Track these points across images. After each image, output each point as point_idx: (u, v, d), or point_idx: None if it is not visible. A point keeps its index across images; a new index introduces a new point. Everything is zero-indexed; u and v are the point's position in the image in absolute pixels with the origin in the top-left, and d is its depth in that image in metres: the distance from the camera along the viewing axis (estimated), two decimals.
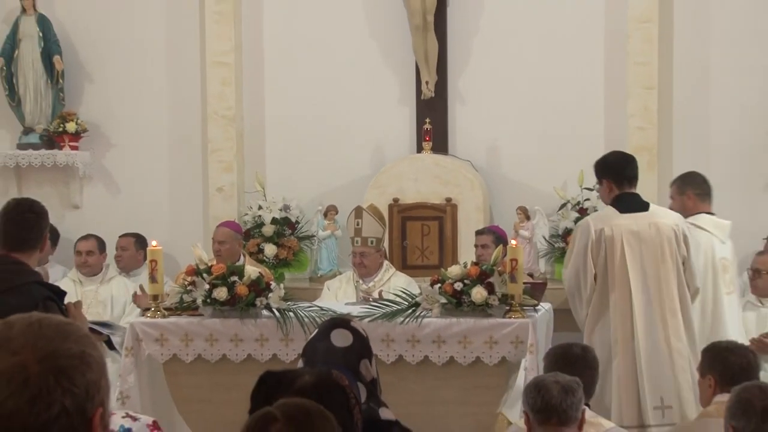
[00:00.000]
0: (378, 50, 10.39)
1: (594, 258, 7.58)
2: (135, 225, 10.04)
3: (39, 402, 2.03)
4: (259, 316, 7.35)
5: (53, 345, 2.08)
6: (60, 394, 2.05)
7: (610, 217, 7.70)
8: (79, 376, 2.08)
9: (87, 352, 2.11)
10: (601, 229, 7.63)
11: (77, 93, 10.72)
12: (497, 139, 10.23)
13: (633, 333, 7.55)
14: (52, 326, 2.12)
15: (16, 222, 5.54)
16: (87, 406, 2.08)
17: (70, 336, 2.12)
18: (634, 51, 9.87)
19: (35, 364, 2.05)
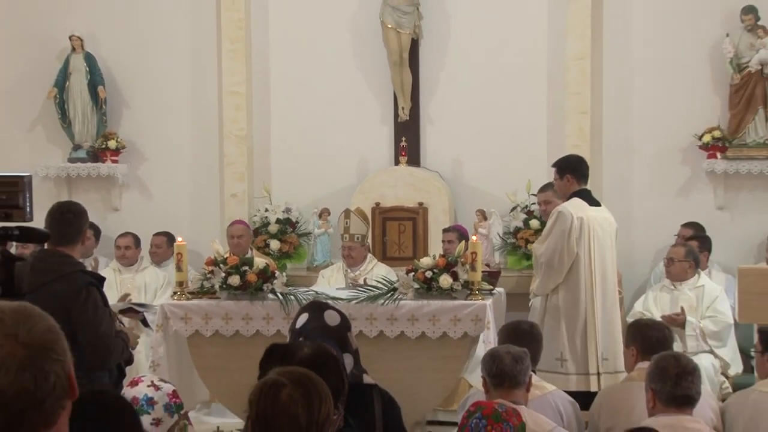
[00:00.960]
0: (363, 82, 10.37)
1: (576, 241, 7.56)
2: (163, 224, 10.01)
3: (39, 378, 1.98)
4: (265, 299, 7.33)
5: (28, 328, 2.01)
6: (51, 365, 2.00)
7: (584, 209, 7.64)
8: (58, 345, 2.02)
9: (52, 324, 2.05)
10: (580, 217, 7.58)
11: (117, 116, 10.67)
12: (460, 155, 10.22)
13: (593, 300, 7.58)
14: (15, 314, 2.03)
15: (59, 221, 5.50)
16: (67, 365, 2.03)
17: (34, 316, 2.04)
18: (571, 83, 9.87)
19: (23, 350, 1.97)
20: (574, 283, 7.55)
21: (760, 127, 9.59)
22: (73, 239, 5.55)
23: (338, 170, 10.31)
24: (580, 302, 7.53)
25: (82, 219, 5.65)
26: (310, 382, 3.08)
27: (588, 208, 7.66)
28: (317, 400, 3.03)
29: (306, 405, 3.00)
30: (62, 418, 2.03)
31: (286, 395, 3.00)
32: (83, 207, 5.80)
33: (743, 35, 9.52)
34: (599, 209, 7.79)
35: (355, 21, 10.30)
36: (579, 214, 7.56)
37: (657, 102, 9.89)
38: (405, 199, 9.88)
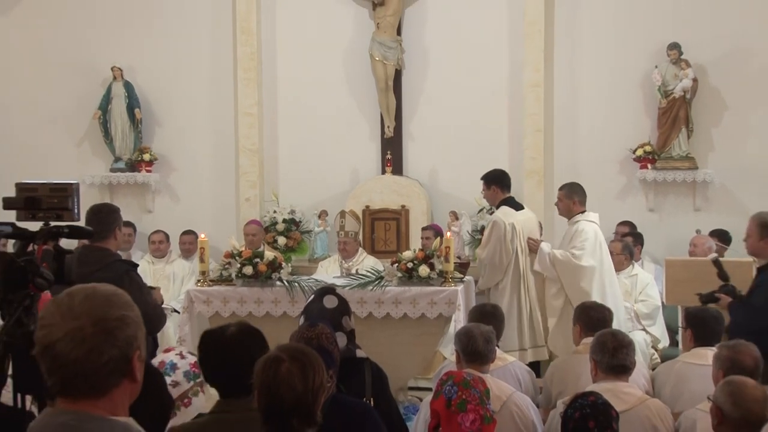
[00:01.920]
0: (355, 104, 10.35)
1: (510, 244, 7.62)
2: (188, 223, 9.99)
3: (93, 352, 2.03)
4: (274, 286, 7.33)
5: (102, 311, 2.07)
6: (108, 347, 2.05)
7: (512, 215, 7.77)
8: (120, 333, 2.07)
9: (125, 314, 2.09)
10: (511, 223, 7.70)
11: (150, 133, 10.65)
12: (436, 165, 10.21)
13: (527, 288, 7.67)
14: (103, 296, 2.09)
15: (93, 220, 5.48)
16: (128, 352, 2.08)
17: (114, 304, 2.09)
18: (527, 106, 9.87)
19: (90, 327, 2.04)
20: (513, 276, 7.71)
21: (683, 143, 9.63)
22: (106, 235, 5.51)
23: (334, 178, 10.29)
24: (517, 290, 7.70)
25: (111, 217, 5.61)
26: (305, 357, 3.09)
27: (515, 213, 7.81)
28: (311, 371, 3.05)
29: (302, 376, 3.02)
30: (115, 394, 2.07)
31: (285, 369, 3.02)
32: (115, 206, 5.76)
33: (669, 67, 9.55)
34: (524, 212, 7.93)
35: (348, 54, 10.29)
36: (510, 220, 7.73)
37: (598, 121, 9.90)
38: (390, 202, 9.88)
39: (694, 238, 8.77)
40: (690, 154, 9.64)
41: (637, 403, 4.52)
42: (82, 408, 2.03)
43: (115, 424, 2.05)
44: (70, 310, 2.04)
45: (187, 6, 10.48)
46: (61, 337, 2.01)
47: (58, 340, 2.01)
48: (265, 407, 3.02)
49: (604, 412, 3.79)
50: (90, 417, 2.03)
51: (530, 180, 9.82)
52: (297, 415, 2.98)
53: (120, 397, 2.08)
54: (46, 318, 2.05)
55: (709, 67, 9.65)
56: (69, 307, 2.05)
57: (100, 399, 2.04)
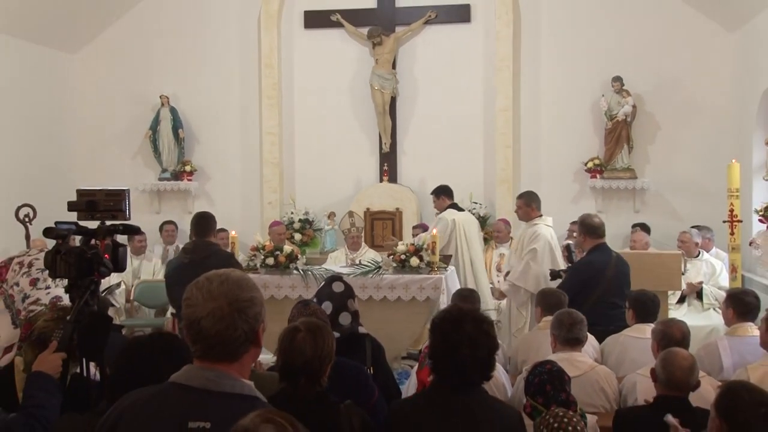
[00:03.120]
0: (358, 125, 10.33)
1: (450, 234, 7.82)
2: (221, 222, 9.76)
3: (230, 328, 2.07)
4: (291, 274, 7.31)
5: (235, 294, 2.09)
6: (241, 323, 2.08)
7: (455, 214, 7.94)
8: (250, 311, 2.10)
9: (253, 296, 2.13)
10: (453, 219, 7.87)
11: (191, 149, 10.61)
12: (424, 175, 10.17)
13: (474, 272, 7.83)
14: (234, 281, 2.12)
15: (198, 223, 6.23)
16: (255, 326, 2.12)
17: (244, 287, 2.12)
18: (499, 126, 9.86)
19: (227, 306, 2.07)
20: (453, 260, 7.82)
21: (625, 157, 9.62)
22: (208, 233, 6.20)
23: (341, 185, 10.27)
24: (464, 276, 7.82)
25: (211, 220, 6.27)
26: (318, 330, 3.13)
27: (457, 213, 7.95)
28: (321, 341, 3.10)
29: (313, 344, 3.08)
30: (245, 359, 2.12)
31: (300, 337, 3.08)
32: (210, 213, 6.39)
33: (613, 96, 9.54)
34: (464, 213, 8.09)
35: (352, 84, 10.26)
36: (452, 217, 7.88)
37: (557, 139, 9.89)
38: (386, 205, 9.87)
39: (634, 236, 8.75)
40: (630, 166, 9.64)
41: (588, 369, 4.51)
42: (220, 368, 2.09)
43: (244, 384, 2.11)
44: (209, 293, 2.07)
45: (220, 45, 10.45)
46: (204, 315, 2.06)
47: (202, 318, 2.06)
48: (281, 367, 3.08)
49: (558, 377, 3.77)
50: (226, 376, 2.08)
51: (501, 187, 9.81)
52: (305, 375, 3.02)
53: (248, 361, 2.13)
54: (191, 299, 2.09)
55: (645, 96, 9.65)
56: (209, 290, 2.08)
57: (233, 363, 2.09)
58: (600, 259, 6.22)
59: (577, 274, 6.25)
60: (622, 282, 6.16)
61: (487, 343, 3.05)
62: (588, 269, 6.22)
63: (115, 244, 3.24)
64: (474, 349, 3.01)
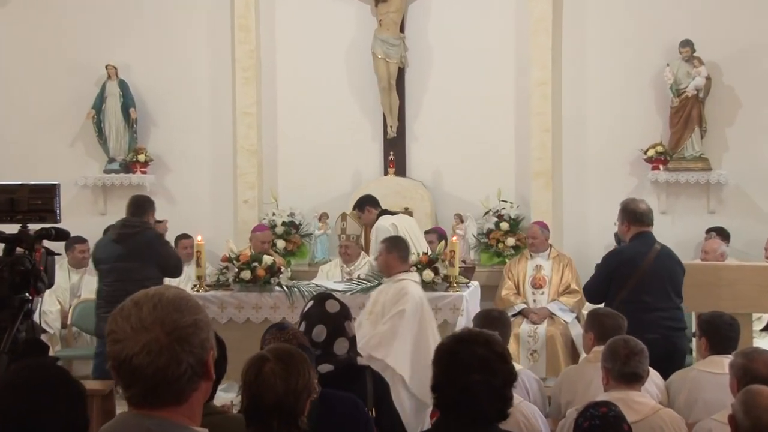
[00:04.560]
0: (357, 104, 10.32)
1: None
2: (185, 227, 9.91)
3: (172, 363, 2.05)
4: (273, 291, 7.32)
5: (173, 319, 2.07)
6: (185, 355, 2.06)
7: (389, 218, 8.19)
8: (195, 339, 2.08)
9: (198, 319, 2.10)
10: (392, 223, 8.03)
11: (146, 134, 10.61)
12: (440, 166, 10.17)
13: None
14: (169, 303, 2.09)
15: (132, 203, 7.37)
16: (203, 355, 2.10)
17: (184, 309, 2.09)
18: (534, 105, 9.84)
19: (165, 337, 2.04)
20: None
21: (695, 143, 9.58)
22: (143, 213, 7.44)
23: (335, 180, 10.27)
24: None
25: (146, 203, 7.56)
26: (290, 358, 3.15)
27: (391, 216, 8.20)
28: (295, 373, 3.11)
29: (285, 376, 3.08)
30: (195, 399, 2.11)
31: (268, 368, 3.09)
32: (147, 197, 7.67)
33: (681, 65, 9.50)
34: (399, 215, 8.40)
35: (350, 52, 10.25)
36: (389, 222, 8.04)
37: (608, 121, 9.86)
38: (393, 204, 9.77)
39: (706, 244, 8.71)
40: (703, 154, 9.60)
41: (650, 413, 4.47)
42: (163, 415, 2.07)
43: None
44: (140, 322, 2.05)
45: (183, 2, 10.44)
46: (137, 351, 2.03)
47: (134, 355, 2.03)
48: (246, 406, 3.09)
49: (615, 425, 3.73)
50: (173, 425, 2.07)
51: (537, 181, 9.78)
52: (277, 416, 3.02)
53: (198, 400, 2.12)
54: (117, 332, 2.06)
55: (722, 65, 9.61)
56: (139, 318, 2.06)
57: (180, 406, 2.08)
58: (634, 249, 6.32)
59: (604, 266, 6.36)
60: (663, 280, 6.22)
61: (503, 369, 3.03)
62: (616, 259, 6.34)
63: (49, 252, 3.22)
64: (487, 374, 3.00)
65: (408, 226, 8.25)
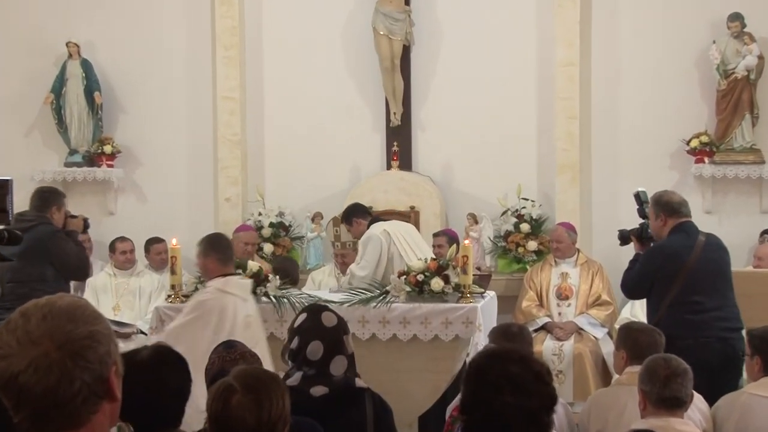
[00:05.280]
0: (355, 88, 10.33)
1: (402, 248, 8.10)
2: (158, 228, 9.93)
3: (63, 381, 2.02)
4: (259, 302, 7.27)
5: (65, 330, 2.04)
6: (79, 372, 2.03)
7: (381, 224, 8.27)
8: (91, 353, 2.05)
9: (95, 330, 2.07)
10: (384, 230, 8.12)
11: (113, 121, 10.62)
12: (451, 159, 10.17)
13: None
14: (62, 312, 2.06)
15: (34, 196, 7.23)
16: (103, 372, 2.07)
17: (79, 319, 2.07)
18: (560, 89, 9.82)
19: (55, 351, 2.02)
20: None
21: (746, 132, 9.57)
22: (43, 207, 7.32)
23: (331, 175, 10.27)
24: None
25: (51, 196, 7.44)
26: (261, 386, 3.20)
27: (384, 222, 8.30)
28: (267, 403, 3.15)
29: (255, 409, 3.13)
30: (96, 422, 2.08)
31: (236, 401, 3.14)
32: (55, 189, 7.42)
33: (730, 42, 9.49)
34: (393, 221, 8.47)
35: (347, 28, 10.26)
36: (380, 228, 8.10)
37: (645, 107, 9.85)
38: (396, 203, 9.83)
39: (759, 249, 8.70)
40: (755, 145, 9.61)
41: None
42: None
43: None
44: (27, 334, 2.03)
45: None
46: (23, 368, 2.00)
47: (20, 372, 2.00)
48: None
49: None
50: None
51: (563, 176, 9.77)
52: None
53: (101, 425, 2.09)
54: (3, 347, 2.04)
55: None
56: (25, 330, 2.03)
57: (78, 431, 2.06)
58: (679, 243, 6.35)
59: (647, 262, 6.39)
60: (713, 275, 6.26)
61: (540, 391, 3.01)
62: (660, 256, 6.36)
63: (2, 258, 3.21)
64: (521, 396, 2.97)
65: (403, 231, 8.28)
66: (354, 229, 8.45)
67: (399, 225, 8.45)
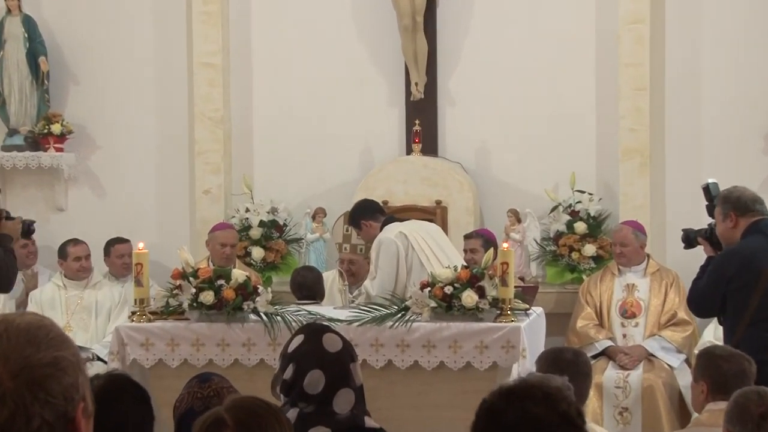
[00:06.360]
0: (366, 52, 10.35)
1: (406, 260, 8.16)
2: (121, 228, 9.97)
3: (18, 418, 2.02)
4: (246, 321, 7.32)
5: (25, 356, 2.04)
6: (38, 407, 2.03)
7: (396, 226, 8.31)
8: (55, 384, 2.05)
9: (60, 356, 2.08)
10: (399, 233, 8.17)
11: (63, 94, 10.66)
12: (488, 141, 10.19)
13: None
14: (21, 334, 2.07)
15: None
16: (68, 409, 2.06)
17: (41, 342, 2.07)
18: (625, 52, 9.82)
19: (9, 380, 2.02)
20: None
21: None
22: None
23: (336, 161, 10.33)
24: None
25: None
26: (256, 420, 3.25)
27: (399, 224, 8.38)
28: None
29: None
30: None
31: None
32: None
33: None
34: (411, 222, 8.55)
35: None
36: (396, 230, 8.17)
37: (733, 77, 9.85)
38: (418, 196, 9.85)
39: None
40: None
41: None
42: None
43: None
44: None
45: None
46: None
47: None
48: None
49: None
50: None
51: (629, 163, 9.78)
52: None
53: None
54: None
55: None
56: None
57: None
58: (755, 245, 6.44)
59: (718, 270, 6.46)
60: None
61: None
62: (734, 262, 6.43)
63: None
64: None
65: (425, 233, 8.31)
66: (365, 233, 8.48)
67: (419, 226, 8.48)
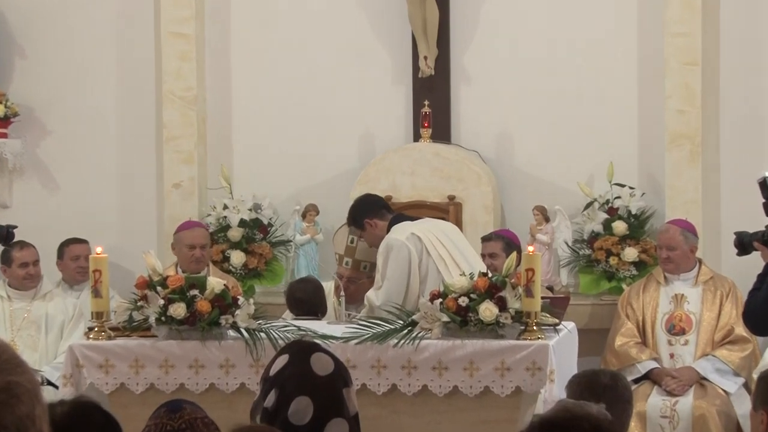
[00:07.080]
0: (368, 21, 10.40)
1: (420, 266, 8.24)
2: (75, 229, 9.98)
3: None
4: (224, 338, 7.33)
5: None
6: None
7: (407, 227, 8.41)
8: (7, 414, 2.10)
9: (14, 382, 2.12)
10: (411, 235, 8.24)
11: (7, 71, 10.71)
12: (509, 125, 10.23)
13: None
14: None
15: None
16: None
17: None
18: (672, 20, 9.82)
19: None
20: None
21: None
22: None
23: (331, 149, 10.39)
24: None
25: None
26: None
27: (411, 223, 8.46)
28: None
29: None
30: None
31: None
32: None
33: None
34: (424, 220, 8.62)
35: None
36: (407, 232, 8.24)
37: None
38: (428, 191, 9.87)
39: None
40: None
41: None
42: None
43: None
44: None
45: None
46: None
47: None
48: None
49: None
50: None
51: (677, 151, 9.80)
52: None
53: None
54: None
55: None
56: None
57: None
58: None
59: None
60: None
61: None
62: None
63: None
64: None
65: (441, 236, 8.32)
66: (368, 234, 8.53)
67: (435, 225, 8.50)
